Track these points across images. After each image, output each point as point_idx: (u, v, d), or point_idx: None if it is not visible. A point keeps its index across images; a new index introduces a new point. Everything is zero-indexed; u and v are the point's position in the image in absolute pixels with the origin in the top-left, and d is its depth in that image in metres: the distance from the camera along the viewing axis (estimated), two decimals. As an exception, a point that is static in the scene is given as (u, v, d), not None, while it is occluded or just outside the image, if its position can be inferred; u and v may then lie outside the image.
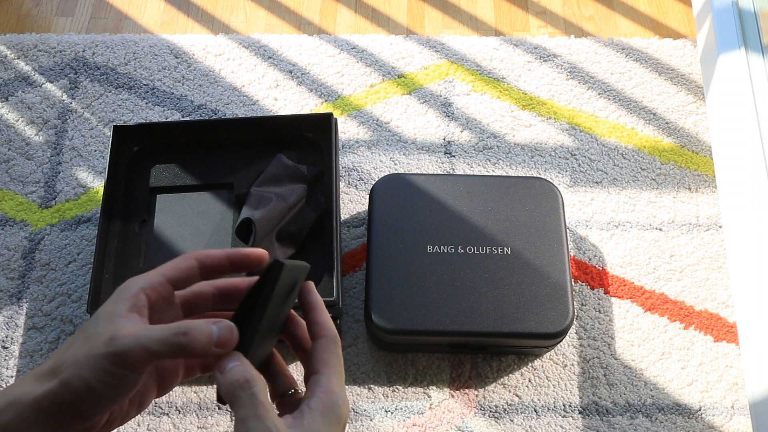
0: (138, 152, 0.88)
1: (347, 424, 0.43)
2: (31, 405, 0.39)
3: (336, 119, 0.89)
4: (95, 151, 0.98)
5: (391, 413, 0.80)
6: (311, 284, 0.47)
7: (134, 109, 1.02)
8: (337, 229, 0.82)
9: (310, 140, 0.89)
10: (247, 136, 0.90)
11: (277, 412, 0.42)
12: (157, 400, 0.81)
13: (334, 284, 0.77)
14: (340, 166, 0.97)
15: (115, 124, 0.94)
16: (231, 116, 1.00)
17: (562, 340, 0.80)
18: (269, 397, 0.41)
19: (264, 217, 0.80)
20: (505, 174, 0.96)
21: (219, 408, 0.80)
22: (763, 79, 0.89)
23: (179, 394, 0.81)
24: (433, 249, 0.82)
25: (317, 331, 0.45)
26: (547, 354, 0.84)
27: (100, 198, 0.92)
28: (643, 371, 0.83)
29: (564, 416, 0.80)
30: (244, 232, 0.81)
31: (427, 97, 1.03)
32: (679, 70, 1.06)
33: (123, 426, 0.79)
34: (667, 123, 1.01)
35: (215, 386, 0.47)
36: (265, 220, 0.80)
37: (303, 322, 0.47)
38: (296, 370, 0.82)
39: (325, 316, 0.45)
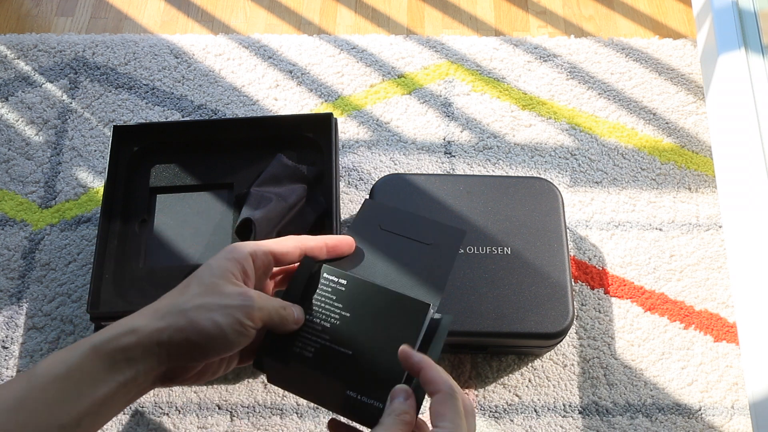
0: (138, 152, 0.88)
1: None
2: (151, 335, 0.46)
3: (336, 119, 0.89)
4: (95, 151, 0.98)
5: (391, 413, 0.80)
6: (407, 348, 0.51)
7: (134, 109, 1.02)
8: (338, 229, 0.82)
9: (310, 140, 0.89)
10: (247, 136, 0.89)
11: None
12: (156, 400, 0.81)
13: None
14: (340, 166, 0.97)
15: (115, 124, 0.94)
16: (231, 116, 1.00)
17: (562, 340, 0.80)
18: None
19: (264, 217, 0.80)
20: (505, 174, 0.96)
21: (219, 408, 0.80)
22: (763, 79, 0.89)
23: (179, 394, 0.81)
24: (433, 249, 0.81)
25: (432, 389, 0.48)
26: (547, 354, 0.84)
27: (100, 198, 0.92)
28: (643, 371, 0.83)
29: (564, 416, 0.80)
30: (244, 232, 0.81)
31: (427, 97, 1.03)
32: (679, 70, 1.06)
33: (123, 427, 0.79)
34: (667, 123, 1.01)
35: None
36: (265, 220, 0.80)
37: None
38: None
39: (436, 372, 0.49)
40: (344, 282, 0.54)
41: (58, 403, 0.44)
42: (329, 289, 0.54)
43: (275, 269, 0.54)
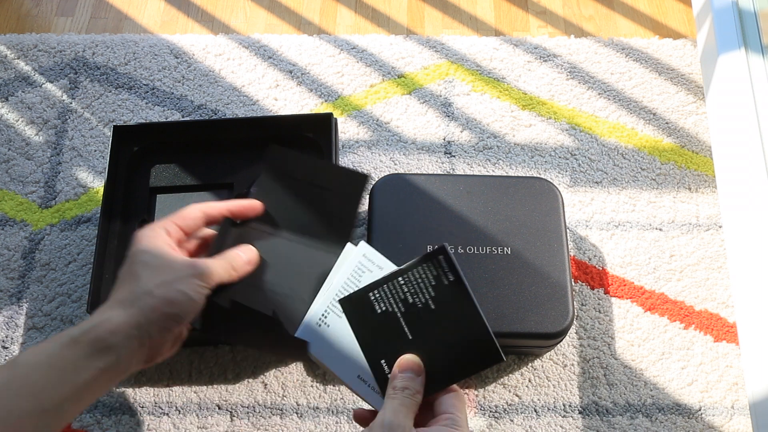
0: (138, 152, 0.88)
1: None
2: (128, 321, 0.51)
3: (336, 119, 0.89)
4: (95, 151, 0.98)
5: (391, 413, 0.80)
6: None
7: (134, 109, 1.02)
8: None
9: (310, 140, 0.89)
10: (247, 136, 0.89)
11: None
12: (156, 400, 0.81)
13: None
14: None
15: (115, 124, 0.94)
16: (231, 116, 1.00)
17: (562, 340, 0.80)
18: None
19: None
20: (505, 174, 0.96)
21: (219, 408, 0.80)
22: (763, 79, 0.89)
23: (179, 394, 0.81)
24: (433, 249, 0.81)
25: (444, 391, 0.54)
26: (547, 354, 0.84)
27: (100, 198, 0.92)
28: (643, 371, 0.83)
29: (564, 416, 0.80)
30: None
31: (427, 97, 1.03)
32: (679, 70, 1.06)
33: (123, 427, 0.79)
34: (667, 123, 1.01)
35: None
36: None
37: None
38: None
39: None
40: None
41: (40, 389, 0.47)
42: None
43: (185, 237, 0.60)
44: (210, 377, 0.82)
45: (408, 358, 0.53)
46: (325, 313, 0.57)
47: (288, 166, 0.64)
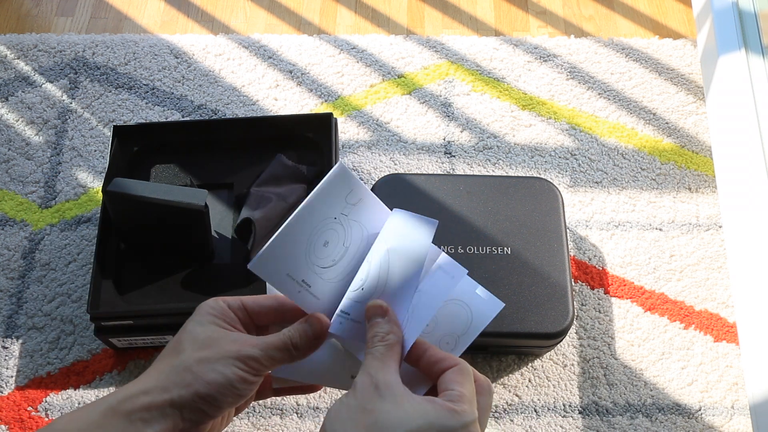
0: (138, 152, 0.88)
1: None
2: (162, 395, 0.45)
3: (336, 119, 0.89)
4: (95, 151, 0.98)
5: (391, 413, 0.80)
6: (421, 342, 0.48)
7: (134, 109, 1.02)
8: None
9: (310, 140, 0.89)
10: (247, 136, 0.89)
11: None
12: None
13: None
14: (340, 166, 0.97)
15: (115, 124, 0.94)
16: (231, 116, 1.00)
17: (562, 340, 0.80)
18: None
19: (264, 216, 0.80)
20: (505, 174, 0.96)
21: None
22: (763, 79, 0.89)
23: (179, 394, 0.81)
24: (433, 249, 0.81)
25: (445, 365, 0.46)
26: (547, 354, 0.84)
27: (100, 198, 0.92)
28: (643, 371, 0.83)
29: (564, 416, 0.80)
30: (244, 232, 0.81)
31: (427, 97, 1.03)
32: (679, 70, 1.06)
33: None
34: (667, 123, 1.01)
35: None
36: (265, 220, 0.80)
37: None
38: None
39: (436, 350, 0.47)
40: None
41: None
42: None
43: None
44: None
45: (368, 305, 0.48)
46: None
47: None
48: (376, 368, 0.44)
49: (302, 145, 0.89)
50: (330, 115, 0.88)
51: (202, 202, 0.76)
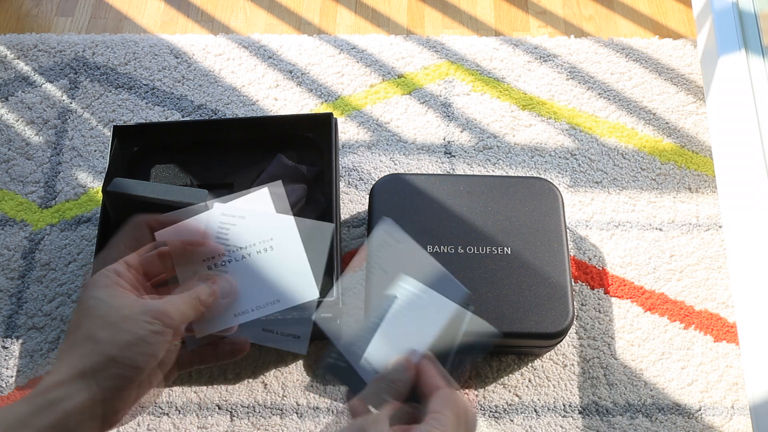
0: (138, 152, 0.88)
1: None
2: (69, 369, 0.43)
3: (336, 119, 0.89)
4: (95, 151, 0.98)
5: (391, 413, 0.80)
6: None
7: (134, 109, 1.02)
8: (337, 229, 0.82)
9: (310, 140, 0.89)
10: (247, 136, 0.89)
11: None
12: (156, 400, 0.81)
13: (334, 284, 0.77)
14: (340, 166, 0.97)
15: (115, 124, 0.94)
16: (231, 116, 1.00)
17: (562, 340, 0.80)
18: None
19: None
20: (505, 174, 0.96)
21: (219, 408, 0.80)
22: (763, 80, 0.89)
23: (179, 394, 0.81)
24: (433, 249, 0.82)
25: (433, 386, 0.48)
26: (547, 354, 0.84)
27: (100, 198, 0.92)
28: (643, 371, 0.83)
29: (564, 416, 0.80)
30: None
31: (427, 97, 1.03)
32: (679, 70, 1.06)
33: (123, 427, 0.79)
34: (667, 123, 1.01)
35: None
36: None
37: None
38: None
39: (435, 373, 0.49)
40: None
41: None
42: None
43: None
44: (210, 377, 0.82)
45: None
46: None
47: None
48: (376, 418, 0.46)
49: (302, 145, 0.89)
50: (330, 115, 0.88)
51: (203, 202, 0.76)
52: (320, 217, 0.84)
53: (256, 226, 0.53)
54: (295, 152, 0.89)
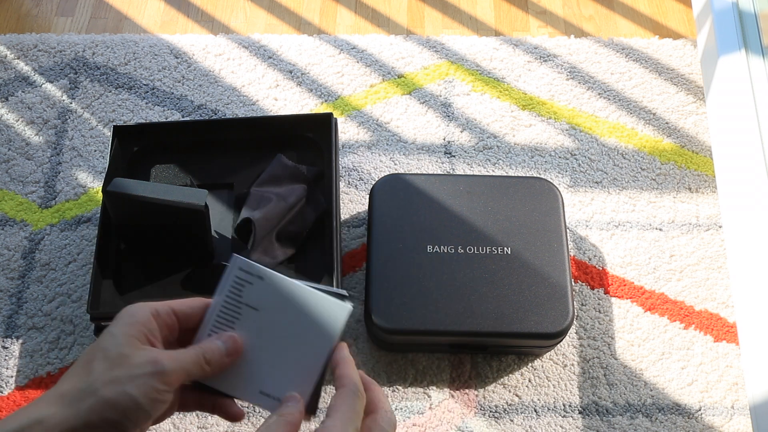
0: (138, 152, 0.88)
1: None
2: (61, 425, 0.42)
3: (336, 119, 0.89)
4: (95, 151, 0.98)
5: (391, 413, 0.80)
6: (344, 345, 0.50)
7: (134, 109, 1.02)
8: (337, 229, 0.82)
9: (310, 140, 0.89)
10: (247, 136, 0.90)
11: None
12: None
13: (334, 285, 0.77)
14: (340, 166, 0.97)
15: (115, 124, 0.94)
16: (231, 116, 1.00)
17: (562, 340, 0.80)
18: None
19: (264, 217, 0.80)
20: (505, 174, 0.96)
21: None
22: (763, 80, 0.89)
23: (179, 394, 0.81)
24: (433, 249, 0.82)
25: (338, 384, 0.47)
26: (547, 354, 0.84)
27: (100, 198, 0.92)
28: (643, 371, 0.83)
29: (564, 416, 0.80)
30: (244, 232, 0.81)
31: (427, 97, 1.03)
32: (679, 70, 1.06)
33: None
34: (667, 123, 1.01)
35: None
36: (265, 220, 0.80)
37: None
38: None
39: (349, 369, 0.48)
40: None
41: None
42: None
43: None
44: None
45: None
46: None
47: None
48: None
49: (302, 145, 0.89)
50: (330, 115, 0.88)
51: (202, 202, 0.76)
52: (320, 217, 0.84)
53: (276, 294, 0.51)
54: (295, 152, 0.89)
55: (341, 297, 0.51)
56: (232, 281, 0.50)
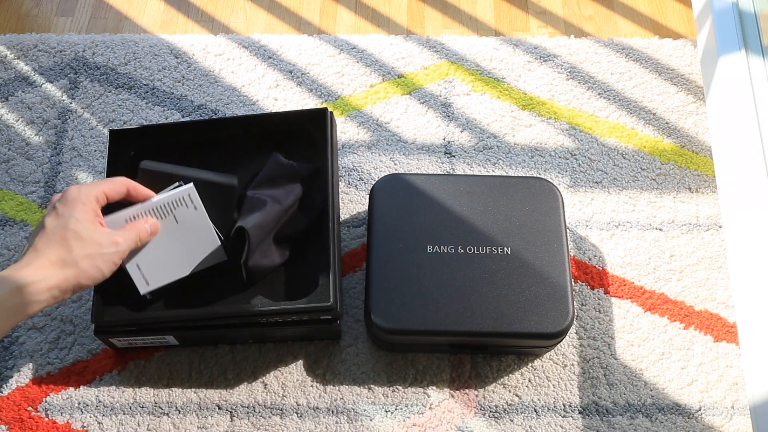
0: (135, 156, 0.88)
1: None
2: (49, 289, 0.63)
3: (332, 113, 0.89)
4: (95, 151, 0.98)
5: (391, 413, 0.80)
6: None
7: (134, 109, 1.02)
8: (335, 229, 0.82)
9: (307, 137, 0.89)
10: (244, 135, 0.89)
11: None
12: (156, 400, 0.81)
13: (331, 286, 0.77)
14: (340, 165, 0.97)
15: (111, 127, 0.94)
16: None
17: (562, 340, 0.80)
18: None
19: (257, 224, 0.78)
20: (505, 174, 0.96)
21: (219, 408, 0.80)
22: (763, 80, 0.89)
23: (179, 394, 0.81)
24: (433, 249, 0.82)
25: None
26: (547, 354, 0.84)
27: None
28: (643, 371, 0.83)
29: (564, 416, 0.80)
30: (238, 242, 0.80)
31: (427, 97, 1.03)
32: (679, 70, 1.06)
33: (123, 427, 0.79)
34: (667, 123, 1.01)
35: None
36: (259, 228, 0.78)
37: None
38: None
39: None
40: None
41: None
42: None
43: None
44: (210, 377, 0.82)
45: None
46: None
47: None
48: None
49: (300, 143, 0.89)
50: (325, 110, 0.87)
51: (234, 180, 0.82)
52: (317, 217, 0.83)
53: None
54: (291, 149, 0.88)
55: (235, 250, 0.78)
56: (179, 197, 0.75)
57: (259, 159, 0.87)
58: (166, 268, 0.75)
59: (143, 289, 0.75)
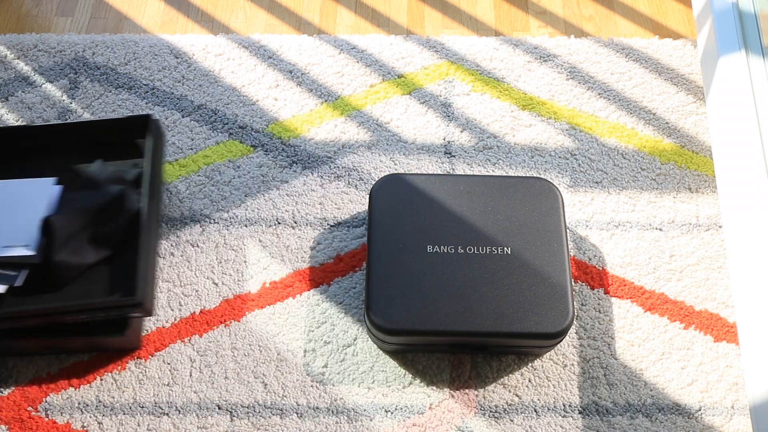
0: None
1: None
2: None
3: (157, 120, 0.90)
4: (95, 151, 0.98)
5: (391, 413, 0.80)
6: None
7: (134, 109, 1.02)
8: (151, 227, 0.83)
9: (130, 143, 0.91)
10: (69, 141, 0.91)
11: None
12: (156, 400, 0.81)
13: (139, 282, 0.78)
14: (339, 165, 0.97)
15: None
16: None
17: (562, 340, 0.80)
18: None
19: (63, 217, 0.82)
20: (505, 174, 0.96)
21: (219, 408, 0.80)
22: (763, 79, 0.89)
23: (179, 394, 0.81)
24: (433, 249, 0.82)
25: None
26: (547, 354, 0.84)
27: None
28: (643, 371, 0.83)
29: (564, 416, 0.80)
30: (48, 233, 0.82)
31: (427, 97, 1.03)
32: (679, 70, 1.06)
33: (123, 427, 0.79)
34: (667, 123, 1.01)
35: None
36: (66, 221, 0.81)
37: None
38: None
39: None
40: None
41: None
42: None
43: None
44: (210, 377, 0.82)
45: None
46: None
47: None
48: None
49: (122, 148, 0.91)
50: (148, 116, 0.89)
51: (52, 181, 0.82)
52: (133, 218, 0.85)
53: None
54: (115, 155, 0.90)
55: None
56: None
57: (84, 165, 0.89)
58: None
59: None
